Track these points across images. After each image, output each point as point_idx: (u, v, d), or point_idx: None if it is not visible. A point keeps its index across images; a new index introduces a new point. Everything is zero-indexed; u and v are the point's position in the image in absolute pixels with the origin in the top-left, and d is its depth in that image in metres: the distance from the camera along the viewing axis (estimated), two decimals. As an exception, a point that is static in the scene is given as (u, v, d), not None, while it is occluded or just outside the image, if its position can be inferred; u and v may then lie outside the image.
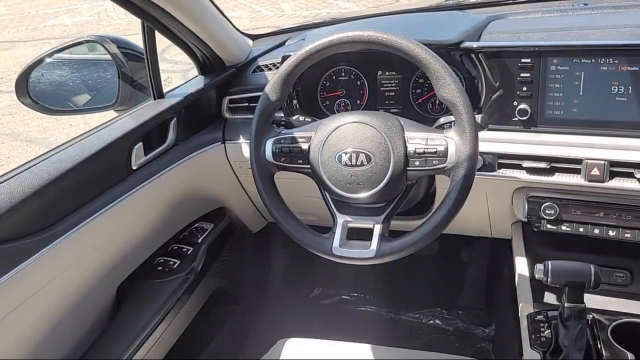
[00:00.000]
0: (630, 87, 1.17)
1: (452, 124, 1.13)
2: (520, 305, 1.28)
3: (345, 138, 1.13)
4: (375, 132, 1.12)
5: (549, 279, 1.13)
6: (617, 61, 1.17)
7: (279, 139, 1.19)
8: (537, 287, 1.33)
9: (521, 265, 1.36)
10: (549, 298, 1.32)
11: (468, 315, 1.91)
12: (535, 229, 1.35)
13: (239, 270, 1.72)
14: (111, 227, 1.24)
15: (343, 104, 1.53)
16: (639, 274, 1.35)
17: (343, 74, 1.52)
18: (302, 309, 2.03)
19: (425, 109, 1.48)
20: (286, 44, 1.68)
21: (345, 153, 1.12)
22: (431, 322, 1.93)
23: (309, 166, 1.16)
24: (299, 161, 1.17)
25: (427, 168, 1.11)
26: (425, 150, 1.11)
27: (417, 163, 1.11)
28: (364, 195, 1.12)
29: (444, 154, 1.09)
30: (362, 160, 1.11)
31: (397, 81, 1.47)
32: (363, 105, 1.51)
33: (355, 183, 1.12)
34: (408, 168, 1.12)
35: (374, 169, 1.11)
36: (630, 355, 1.11)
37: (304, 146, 1.17)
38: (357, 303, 2.05)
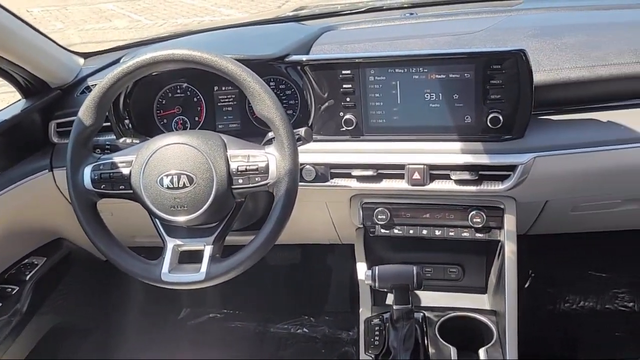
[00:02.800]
0: (440, 94, 1.24)
1: (273, 139, 1.14)
2: (360, 310, 1.32)
3: (166, 160, 1.10)
4: (196, 152, 1.10)
5: (377, 284, 1.17)
6: (426, 70, 1.23)
7: (97, 165, 1.14)
8: (380, 291, 1.37)
9: (362, 270, 1.39)
10: (390, 300, 1.37)
11: (334, 320, 1.94)
12: (371, 235, 1.39)
13: (83, 303, 1.62)
14: None
15: (181, 121, 1.49)
16: (470, 268, 1.43)
17: (179, 91, 1.48)
18: (170, 333, 1.97)
19: (263, 122, 1.47)
20: (121, 60, 1.61)
21: (167, 176, 1.09)
22: (299, 331, 1.94)
23: (131, 191, 1.13)
24: (120, 187, 1.13)
25: (250, 185, 1.11)
26: (247, 167, 1.11)
27: (240, 181, 1.11)
28: (189, 217, 1.10)
29: (265, 170, 1.10)
30: (184, 182, 1.09)
31: (233, 96, 1.46)
32: (201, 122, 1.48)
33: (179, 206, 1.10)
34: (232, 187, 1.11)
35: (197, 190, 1.09)
36: (452, 350, 1.17)
37: (125, 171, 1.13)
38: (226, 320, 2.02)
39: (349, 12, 1.74)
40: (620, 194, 1.36)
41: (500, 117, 1.20)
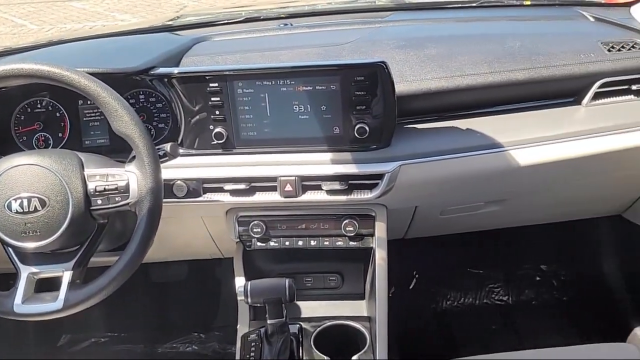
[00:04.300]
0: (309, 106, 1.24)
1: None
2: (238, 326, 1.30)
3: (15, 183, 1.03)
4: (48, 173, 1.04)
5: (249, 300, 1.16)
6: (294, 82, 1.23)
7: None
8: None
9: (238, 285, 1.38)
10: None
11: (224, 335, 1.91)
12: (247, 249, 1.37)
13: None
14: None
15: (43, 138, 1.40)
16: (349, 275, 1.46)
17: (40, 106, 1.39)
18: (47, 363, 1.84)
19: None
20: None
21: (16, 200, 1.02)
22: (188, 349, 1.89)
23: None
24: None
25: (110, 206, 1.07)
26: (106, 187, 1.06)
27: (99, 202, 1.06)
28: (43, 243, 1.04)
29: (126, 189, 1.06)
30: (35, 206, 1.02)
31: (100, 111, 1.39)
32: (65, 138, 1.39)
33: (31, 231, 1.03)
34: (91, 208, 1.06)
35: (51, 214, 1.03)
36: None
37: None
38: (111, 344, 1.93)
39: (225, 22, 1.72)
40: (482, 197, 1.44)
41: (367, 128, 1.23)
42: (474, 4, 1.76)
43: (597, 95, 1.38)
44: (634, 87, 1.39)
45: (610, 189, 1.55)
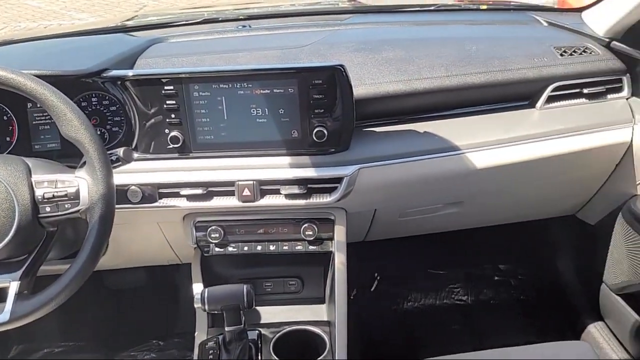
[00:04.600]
0: (267, 109, 1.23)
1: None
2: (195, 334, 1.27)
3: None
4: None
5: (206, 307, 1.14)
6: (251, 85, 1.21)
7: None
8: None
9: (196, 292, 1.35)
10: None
11: (184, 341, 1.87)
12: (205, 254, 1.35)
13: None
14: None
15: None
16: (309, 279, 1.45)
17: None
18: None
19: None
20: None
21: None
22: (147, 356, 1.84)
23: None
24: None
25: (60, 213, 1.03)
26: (55, 194, 1.02)
27: (48, 209, 1.02)
28: None
29: (76, 196, 1.02)
30: None
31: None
32: (14, 142, 1.34)
33: None
34: (39, 215, 1.02)
35: None
36: (285, 365, 1.17)
37: None
38: (66, 354, 1.86)
39: (182, 23, 1.68)
40: (440, 200, 1.45)
41: (325, 131, 1.22)
42: (432, 8, 1.78)
43: (551, 99, 1.41)
44: (585, 91, 1.43)
45: (565, 190, 1.59)
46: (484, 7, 1.85)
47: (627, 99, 1.45)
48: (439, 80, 1.33)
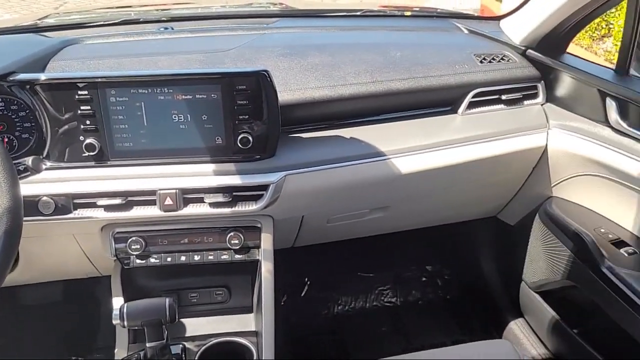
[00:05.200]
0: (189, 115, 1.19)
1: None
2: (115, 351, 1.21)
3: None
4: None
5: (126, 323, 1.08)
6: (172, 90, 1.17)
7: None
8: None
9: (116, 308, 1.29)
10: None
11: (105, 357, 1.77)
12: (126, 267, 1.29)
13: None
14: None
15: None
16: (236, 288, 1.41)
17: None
18: None
19: None
20: None
21: None
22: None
23: None
24: None
25: None
26: None
27: None
28: None
29: None
30: None
31: None
32: None
33: None
34: None
35: None
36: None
37: None
38: None
39: (99, 23, 1.60)
40: (366, 205, 1.46)
41: (250, 138, 1.20)
42: (358, 13, 1.80)
43: (472, 105, 1.46)
44: (503, 97, 1.48)
45: (486, 192, 1.64)
46: (408, 13, 1.89)
47: (541, 104, 1.52)
48: (364, 86, 1.34)
